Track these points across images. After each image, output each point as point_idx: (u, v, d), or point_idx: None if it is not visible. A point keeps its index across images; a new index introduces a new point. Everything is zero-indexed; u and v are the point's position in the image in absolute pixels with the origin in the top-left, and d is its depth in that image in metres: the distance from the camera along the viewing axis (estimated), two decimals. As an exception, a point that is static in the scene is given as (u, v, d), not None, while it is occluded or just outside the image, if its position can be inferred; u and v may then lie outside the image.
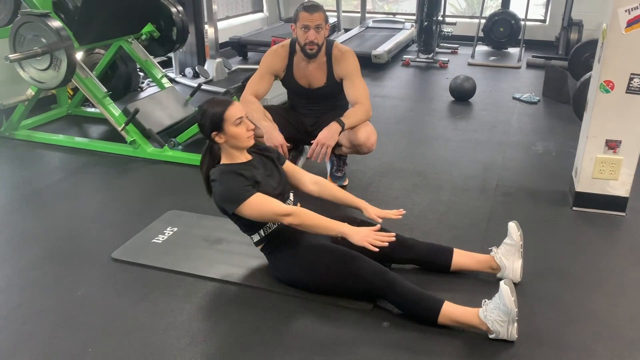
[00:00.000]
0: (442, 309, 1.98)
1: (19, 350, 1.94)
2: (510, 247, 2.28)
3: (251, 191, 2.10)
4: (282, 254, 2.23)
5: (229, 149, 2.21)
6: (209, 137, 2.18)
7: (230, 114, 2.14)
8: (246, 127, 2.18)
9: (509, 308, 1.87)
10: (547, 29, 7.27)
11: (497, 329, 1.91)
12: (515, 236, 2.28)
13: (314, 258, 2.16)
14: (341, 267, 2.11)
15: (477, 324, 1.95)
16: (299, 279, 2.21)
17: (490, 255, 2.31)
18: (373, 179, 3.33)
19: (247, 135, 2.19)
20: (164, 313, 2.13)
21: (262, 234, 2.24)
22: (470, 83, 4.91)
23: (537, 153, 3.77)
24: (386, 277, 2.05)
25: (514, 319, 1.90)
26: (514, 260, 2.28)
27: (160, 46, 4.43)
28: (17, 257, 2.53)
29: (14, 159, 3.67)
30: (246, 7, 7.98)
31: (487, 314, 1.93)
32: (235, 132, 2.15)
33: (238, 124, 2.15)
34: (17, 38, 3.31)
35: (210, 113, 2.14)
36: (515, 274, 2.28)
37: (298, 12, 2.89)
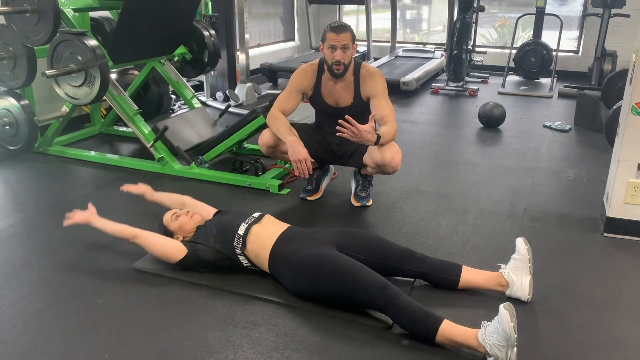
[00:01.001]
0: (440, 327, 1.92)
1: (36, 353, 1.95)
2: (518, 263, 2.23)
3: None
4: (284, 265, 2.24)
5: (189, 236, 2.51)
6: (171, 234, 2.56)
7: (165, 219, 2.58)
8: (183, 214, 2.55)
9: (508, 334, 1.79)
10: (580, 60, 7.20)
11: (496, 353, 1.83)
12: (522, 250, 2.23)
13: (316, 268, 2.15)
14: (342, 278, 2.08)
15: (475, 346, 1.88)
16: (303, 290, 2.20)
17: (499, 272, 2.26)
18: (398, 200, 3.29)
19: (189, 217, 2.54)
20: (181, 323, 2.12)
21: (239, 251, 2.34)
22: (499, 110, 4.87)
23: (567, 180, 3.68)
24: (386, 292, 2.01)
25: (513, 344, 1.81)
26: (523, 276, 2.22)
27: (192, 68, 4.53)
28: (42, 265, 2.56)
29: (46, 173, 3.76)
30: (278, 35, 8.15)
31: (485, 337, 1.85)
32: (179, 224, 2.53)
33: (175, 219, 2.54)
34: (55, 55, 3.43)
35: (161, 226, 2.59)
36: (524, 291, 2.21)
37: (325, 32, 2.93)
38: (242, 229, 2.35)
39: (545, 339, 2.04)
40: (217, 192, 3.45)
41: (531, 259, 2.24)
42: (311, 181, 3.33)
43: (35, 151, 4.08)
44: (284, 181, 3.50)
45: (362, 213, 3.14)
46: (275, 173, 3.58)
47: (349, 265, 2.11)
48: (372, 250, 2.28)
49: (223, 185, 3.54)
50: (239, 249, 2.34)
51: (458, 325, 1.93)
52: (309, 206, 3.25)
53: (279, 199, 3.34)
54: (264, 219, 2.43)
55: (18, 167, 3.85)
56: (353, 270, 2.09)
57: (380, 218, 3.07)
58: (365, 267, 2.11)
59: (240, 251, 2.33)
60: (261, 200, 3.31)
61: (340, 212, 3.16)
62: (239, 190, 3.47)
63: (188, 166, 3.67)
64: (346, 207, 3.21)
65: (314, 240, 2.29)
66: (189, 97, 4.38)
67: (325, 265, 2.14)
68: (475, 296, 2.29)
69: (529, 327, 2.10)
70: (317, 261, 2.16)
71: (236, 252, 2.34)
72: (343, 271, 2.09)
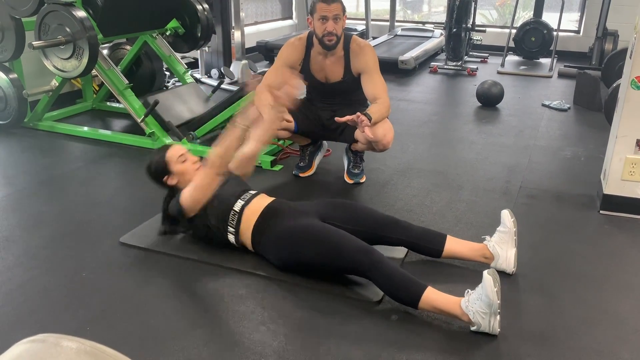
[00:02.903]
0: (424, 294, 1.89)
1: (18, 326, 1.91)
2: (504, 235, 2.20)
3: None
4: (266, 238, 2.18)
5: (184, 186, 2.28)
6: (161, 183, 2.36)
7: (171, 154, 2.34)
8: (191, 162, 2.35)
9: (491, 299, 1.77)
10: (581, 40, 7.10)
11: (479, 320, 1.81)
12: (508, 223, 2.19)
13: (298, 238, 2.11)
14: (325, 245, 2.05)
15: (459, 314, 1.86)
16: (286, 261, 2.16)
17: (483, 244, 2.23)
18: (392, 177, 3.24)
19: (194, 167, 2.34)
20: (166, 297, 2.08)
21: (231, 229, 2.24)
22: (497, 88, 4.79)
23: (565, 158, 3.63)
24: (370, 256, 1.98)
25: (496, 311, 1.80)
26: (508, 249, 2.19)
27: (185, 42, 4.44)
28: (27, 238, 2.52)
29: (35, 148, 3.70)
30: (275, 13, 8.02)
31: (469, 304, 1.83)
32: (182, 169, 2.33)
33: (183, 161, 2.33)
34: (42, 27, 3.35)
35: (154, 162, 2.35)
36: (509, 263, 2.19)
37: (315, 4, 2.85)
38: (238, 205, 2.26)
39: (537, 314, 2.00)
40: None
41: (517, 232, 2.21)
42: (303, 157, 3.27)
43: (25, 126, 4.02)
44: (276, 157, 3.44)
45: (355, 190, 3.09)
46: (268, 149, 3.52)
47: (332, 233, 2.08)
48: (356, 219, 2.25)
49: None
50: (232, 227, 2.25)
51: (441, 293, 1.91)
52: (301, 183, 3.20)
53: (271, 175, 3.29)
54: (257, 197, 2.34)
55: (7, 141, 3.79)
56: (336, 237, 2.06)
57: (373, 195, 3.02)
58: (348, 234, 2.08)
59: (234, 229, 2.25)
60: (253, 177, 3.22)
61: (333, 189, 3.11)
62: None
63: (179, 142, 3.61)
64: (339, 184, 3.16)
65: (297, 212, 2.24)
66: (182, 73, 4.30)
67: (307, 234, 2.10)
68: (460, 269, 2.26)
69: (521, 301, 2.07)
70: (299, 231, 2.12)
71: (228, 229, 2.26)
72: (326, 239, 2.06)
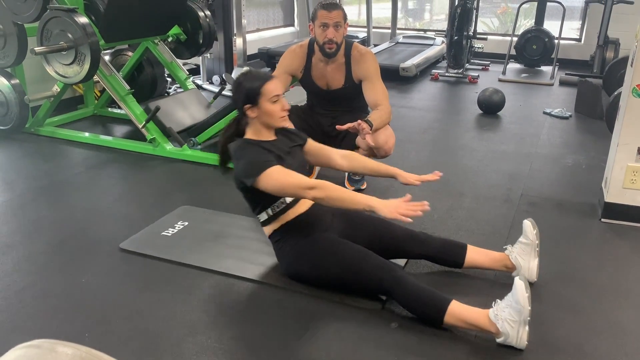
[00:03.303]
0: (449, 307, 1.86)
1: (16, 332, 1.91)
2: (526, 246, 2.17)
3: (273, 162, 1.99)
4: (288, 245, 2.13)
5: (258, 126, 2.11)
6: (241, 109, 2.09)
7: (268, 89, 2.05)
8: (281, 106, 2.09)
9: (522, 305, 1.74)
10: (582, 48, 7.10)
11: (507, 330, 1.77)
12: (530, 235, 2.16)
13: (321, 252, 2.07)
14: (347, 262, 2.02)
15: (486, 325, 1.81)
16: (303, 273, 2.13)
17: (505, 254, 2.20)
18: (392, 184, 3.22)
19: (281, 114, 2.09)
20: (166, 303, 2.07)
21: (270, 212, 2.12)
22: (499, 96, 4.79)
23: (566, 165, 3.62)
24: (393, 273, 1.95)
25: (525, 320, 1.76)
26: (530, 260, 2.16)
27: (187, 49, 4.45)
28: (26, 244, 2.51)
29: (36, 154, 3.70)
30: (277, 21, 8.04)
31: (498, 312, 1.79)
32: (270, 109, 2.06)
33: (274, 102, 2.06)
34: (45, 33, 3.36)
35: (247, 86, 2.06)
36: (531, 274, 2.16)
37: (316, 11, 2.85)
38: (289, 199, 2.12)
39: (537, 322, 1.98)
40: (210, 173, 3.39)
41: (539, 243, 2.18)
42: (304, 163, 3.27)
43: (26, 131, 4.02)
44: (277, 164, 3.43)
45: (355, 196, 3.08)
46: (269, 156, 3.51)
47: (354, 250, 2.03)
48: (374, 234, 2.19)
49: (215, 167, 3.46)
50: (273, 211, 2.12)
51: (467, 306, 1.87)
52: (302, 189, 3.19)
53: (271, 181, 3.28)
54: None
55: (8, 147, 3.79)
56: (357, 254, 2.01)
57: (374, 201, 3.01)
58: (369, 251, 2.03)
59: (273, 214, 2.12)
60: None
61: (334, 195, 3.10)
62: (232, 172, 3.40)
63: (180, 148, 3.61)
64: (340, 190, 3.15)
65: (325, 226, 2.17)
66: (183, 79, 4.31)
67: (330, 249, 2.06)
68: (481, 280, 2.24)
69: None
70: (321, 246, 2.08)
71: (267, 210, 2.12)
72: (348, 256, 2.02)
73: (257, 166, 1.99)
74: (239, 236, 2.56)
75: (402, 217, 1.86)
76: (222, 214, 2.80)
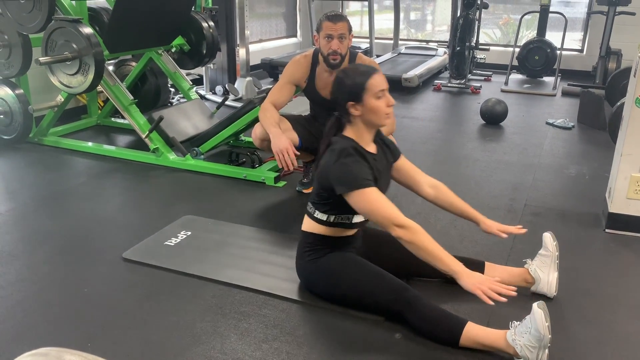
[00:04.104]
0: (464, 329, 1.82)
1: (19, 341, 1.90)
2: (546, 259, 2.15)
3: (372, 183, 1.91)
4: (314, 253, 2.09)
5: (361, 126, 2.00)
6: (344, 107, 1.98)
7: (373, 83, 1.94)
8: (387, 102, 1.97)
9: (541, 334, 1.69)
10: (584, 59, 7.12)
11: (526, 354, 1.72)
12: (550, 247, 2.14)
13: (337, 268, 2.05)
14: (361, 281, 2.00)
15: (504, 347, 1.78)
16: (317, 285, 2.12)
17: (524, 268, 2.18)
18: (395, 194, 3.21)
19: (386, 111, 1.97)
20: (168, 313, 2.06)
21: (332, 219, 2.03)
22: (501, 106, 4.80)
23: (569, 176, 3.61)
24: (405, 295, 1.92)
25: (546, 345, 1.71)
26: (550, 273, 2.14)
27: (190, 59, 4.48)
28: (29, 253, 2.51)
29: (39, 163, 3.71)
30: (280, 31, 8.09)
31: (515, 337, 1.74)
32: (375, 106, 1.94)
33: (379, 97, 1.95)
34: (49, 43, 3.38)
35: (350, 81, 1.95)
36: (551, 287, 2.14)
37: (321, 22, 2.86)
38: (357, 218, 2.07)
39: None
40: (213, 183, 3.39)
41: (559, 256, 2.16)
42: (307, 174, 3.27)
43: (30, 141, 4.03)
44: (280, 174, 3.44)
45: (358, 206, 3.08)
46: (272, 165, 3.52)
47: (369, 270, 2.00)
48: (390, 252, 2.14)
49: (219, 177, 3.48)
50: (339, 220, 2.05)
51: (483, 327, 1.84)
52: (304, 199, 3.17)
53: (274, 191, 3.28)
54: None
55: (12, 156, 3.81)
56: (372, 273, 1.99)
57: (377, 211, 3.00)
58: (383, 271, 2.00)
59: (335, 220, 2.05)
60: (257, 193, 3.25)
61: (337, 205, 3.10)
62: (235, 182, 3.41)
63: (183, 157, 3.62)
64: (343, 200, 3.15)
65: None
66: (187, 89, 4.33)
67: (346, 268, 2.04)
68: None
69: (527, 321, 2.04)
70: (339, 263, 2.06)
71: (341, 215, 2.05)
72: (362, 274, 2.00)
73: (356, 181, 1.89)
74: (242, 246, 2.56)
75: (482, 296, 1.75)
76: (225, 224, 2.79)
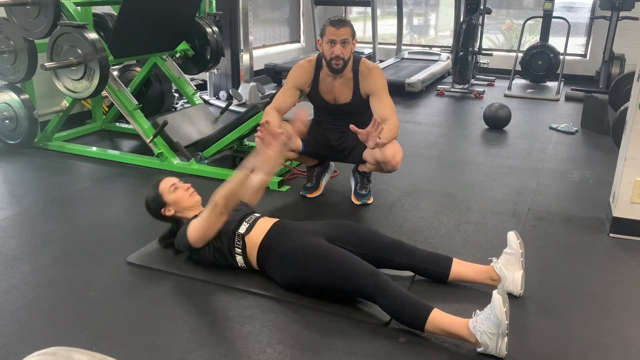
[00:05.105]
0: (430, 315, 1.88)
1: (23, 344, 1.90)
2: (510, 257, 2.18)
3: None
4: (272, 258, 2.18)
5: (183, 213, 2.40)
6: (161, 217, 2.42)
7: (163, 187, 2.40)
8: (183, 189, 2.40)
9: (499, 319, 1.75)
10: (588, 64, 7.12)
11: (486, 341, 1.79)
12: (514, 245, 2.17)
13: (303, 258, 2.10)
14: (330, 266, 2.04)
15: (466, 335, 1.83)
16: (291, 281, 2.15)
17: (490, 266, 2.21)
18: (399, 199, 3.23)
19: (188, 193, 2.41)
20: (173, 317, 2.07)
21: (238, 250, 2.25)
22: (505, 111, 4.80)
23: (573, 180, 3.61)
24: (376, 279, 1.97)
25: (504, 332, 1.77)
26: (515, 271, 2.17)
27: (194, 65, 4.49)
28: (34, 257, 2.52)
29: (44, 168, 3.73)
30: (284, 37, 8.12)
31: (476, 324, 1.81)
32: (176, 197, 2.39)
33: (174, 190, 2.39)
34: (55, 48, 3.40)
35: (150, 198, 2.42)
36: (516, 285, 2.16)
37: (325, 27, 2.87)
38: (243, 228, 2.26)
39: (546, 337, 1.97)
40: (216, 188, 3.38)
41: (523, 254, 2.19)
42: (311, 178, 3.28)
43: (35, 146, 4.05)
44: (284, 178, 3.45)
45: (362, 211, 3.08)
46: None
47: (338, 254, 2.07)
48: (362, 242, 2.25)
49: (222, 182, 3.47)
50: (239, 248, 2.25)
51: (448, 315, 1.89)
52: (308, 204, 3.20)
53: (278, 196, 3.29)
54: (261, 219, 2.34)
55: (17, 161, 3.82)
56: (342, 258, 2.05)
57: (381, 216, 3.01)
58: (354, 256, 2.07)
59: (241, 250, 2.25)
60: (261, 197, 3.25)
61: (340, 210, 3.10)
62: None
63: (187, 162, 3.63)
64: (346, 205, 3.15)
65: (303, 231, 2.24)
66: (191, 94, 4.34)
67: (313, 254, 2.09)
68: (467, 291, 2.24)
69: (530, 324, 2.04)
70: (305, 251, 2.11)
71: (235, 251, 2.26)
72: (332, 260, 2.05)
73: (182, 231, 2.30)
74: (246, 250, 2.56)
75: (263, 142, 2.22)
76: (229, 228, 2.80)
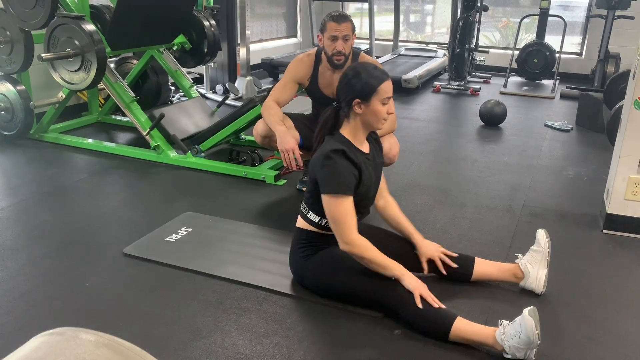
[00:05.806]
0: (454, 325, 1.85)
1: (21, 332, 1.91)
2: (537, 254, 2.18)
3: (348, 192, 1.96)
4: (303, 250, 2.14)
5: (358, 125, 2.04)
6: (349, 102, 2.00)
7: (384, 89, 1.98)
8: (388, 109, 2.02)
9: (531, 340, 1.72)
10: (583, 62, 7.16)
11: (514, 353, 1.77)
12: (543, 243, 2.17)
13: (329, 265, 2.08)
14: (353, 276, 2.02)
15: (492, 343, 1.81)
16: (309, 280, 2.15)
17: (515, 263, 2.21)
18: (395, 194, 3.21)
19: (385, 117, 2.03)
20: (170, 308, 2.08)
21: (322, 223, 2.08)
22: (500, 108, 4.82)
23: (567, 177, 3.64)
24: (396, 291, 1.94)
25: (534, 348, 1.75)
26: (539, 269, 2.17)
27: (191, 58, 4.49)
28: (30, 248, 2.52)
29: (40, 159, 3.72)
30: (280, 32, 8.10)
31: (504, 337, 1.77)
32: (378, 110, 1.99)
33: (384, 103, 2.00)
34: (52, 39, 3.40)
35: (364, 80, 1.97)
36: (539, 283, 2.17)
37: (325, 22, 2.87)
38: None
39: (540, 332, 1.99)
40: (213, 181, 3.41)
41: (550, 253, 2.19)
42: (307, 172, 3.28)
43: (31, 137, 4.04)
44: (280, 172, 3.46)
45: (358, 205, 3.09)
46: (272, 164, 3.54)
47: (360, 267, 2.01)
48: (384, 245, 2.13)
49: (219, 175, 3.49)
50: None
51: (472, 323, 1.86)
52: (304, 197, 3.20)
53: (274, 189, 3.30)
54: None
55: (12, 152, 3.81)
56: (363, 271, 2.00)
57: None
58: None
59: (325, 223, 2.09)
60: (257, 191, 3.26)
61: (336, 204, 3.11)
62: (235, 180, 3.43)
63: (184, 155, 3.63)
64: (342, 199, 3.16)
65: None
66: (188, 87, 4.34)
67: (337, 264, 2.06)
68: (487, 286, 2.25)
69: (525, 319, 2.06)
70: (330, 259, 2.08)
71: None
72: (355, 270, 2.02)
73: (337, 186, 1.96)
74: (242, 242, 2.57)
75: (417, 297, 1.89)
76: (225, 221, 2.81)
